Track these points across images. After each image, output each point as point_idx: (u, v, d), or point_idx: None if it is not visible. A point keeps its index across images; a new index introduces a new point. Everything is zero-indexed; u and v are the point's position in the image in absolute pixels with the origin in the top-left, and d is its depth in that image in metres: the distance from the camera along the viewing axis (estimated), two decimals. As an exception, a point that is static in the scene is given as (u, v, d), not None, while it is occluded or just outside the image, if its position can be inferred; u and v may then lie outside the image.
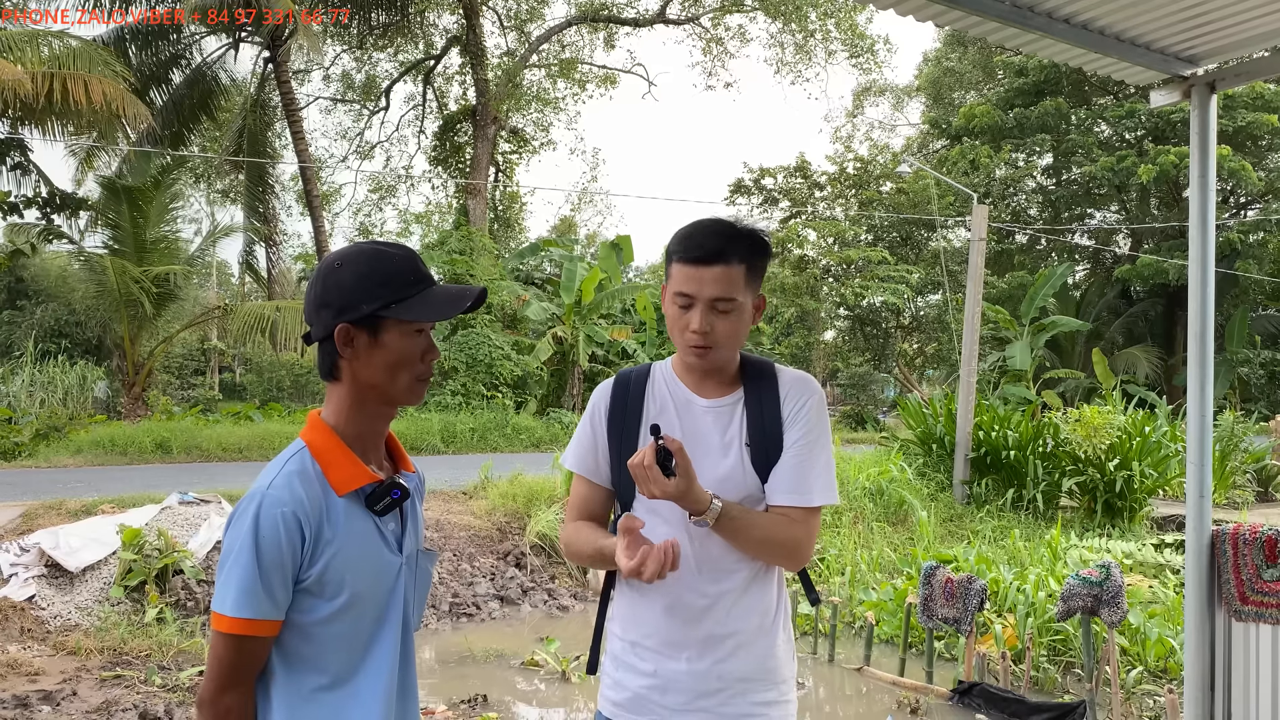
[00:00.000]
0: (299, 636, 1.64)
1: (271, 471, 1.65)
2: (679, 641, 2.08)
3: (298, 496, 1.61)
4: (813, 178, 31.53)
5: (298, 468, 1.64)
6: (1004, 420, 12.84)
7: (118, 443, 15.36)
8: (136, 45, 21.58)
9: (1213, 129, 4.43)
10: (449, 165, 30.63)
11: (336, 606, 1.64)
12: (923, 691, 6.47)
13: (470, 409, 19.97)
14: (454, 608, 8.80)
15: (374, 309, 1.65)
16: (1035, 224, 31.80)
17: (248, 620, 1.56)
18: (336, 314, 1.66)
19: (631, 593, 2.14)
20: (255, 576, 1.56)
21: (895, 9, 3.99)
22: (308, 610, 1.63)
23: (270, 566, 1.57)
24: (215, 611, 1.58)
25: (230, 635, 1.57)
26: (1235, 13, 3.99)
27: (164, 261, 19.07)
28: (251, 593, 1.56)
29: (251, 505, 1.60)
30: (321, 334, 1.68)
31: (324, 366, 1.71)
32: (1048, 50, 4.50)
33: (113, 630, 7.29)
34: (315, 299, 1.69)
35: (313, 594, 1.63)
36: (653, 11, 29.42)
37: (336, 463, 1.67)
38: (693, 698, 2.07)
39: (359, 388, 1.70)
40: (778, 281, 27.18)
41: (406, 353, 1.69)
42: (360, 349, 1.67)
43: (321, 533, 1.62)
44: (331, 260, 1.70)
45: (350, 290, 1.66)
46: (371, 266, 1.67)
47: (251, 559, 1.56)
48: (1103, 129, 30.73)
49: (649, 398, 2.17)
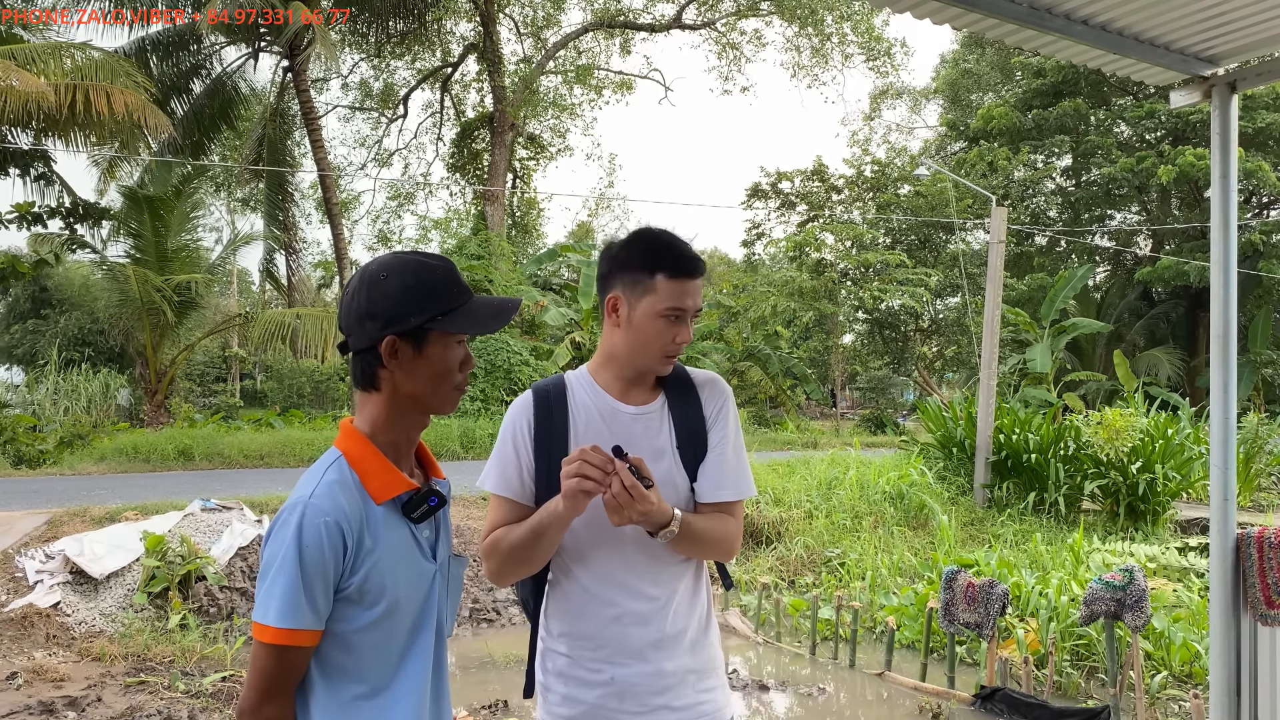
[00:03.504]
0: (338, 646, 1.63)
1: (311, 481, 1.64)
2: (632, 648, 2.09)
3: (339, 506, 1.60)
4: (830, 181, 31.46)
5: (337, 477, 1.64)
6: (1025, 423, 12.76)
7: (140, 450, 15.48)
8: (157, 56, 21.79)
9: (1233, 129, 4.40)
10: (467, 172, 30.76)
11: (375, 615, 1.64)
12: (944, 697, 6.44)
13: (489, 414, 20.02)
14: (474, 613, 8.83)
15: (421, 321, 1.65)
16: (1055, 226, 31.61)
17: (291, 630, 1.56)
18: (384, 325, 1.65)
19: (575, 606, 2.12)
20: (299, 587, 1.55)
21: (912, 12, 3.99)
22: (347, 619, 1.63)
23: (313, 576, 1.56)
24: (258, 622, 1.58)
25: (273, 646, 1.57)
26: (1255, 12, 3.96)
27: (185, 270, 19.22)
28: (295, 603, 1.55)
29: (294, 515, 1.59)
30: (365, 344, 1.67)
31: (362, 376, 1.70)
32: (1066, 52, 4.48)
33: (137, 636, 7.35)
34: (359, 309, 1.67)
35: (353, 603, 1.62)
36: (669, 17, 29.46)
37: (374, 471, 1.67)
38: (649, 697, 2.09)
39: (398, 398, 1.70)
40: (795, 285, 27.14)
41: (448, 364, 1.70)
42: (404, 360, 1.67)
43: (362, 542, 1.62)
44: (376, 271, 1.69)
45: (397, 302, 1.65)
46: (417, 278, 1.67)
47: (295, 569, 1.55)
48: (1122, 130, 30.53)
49: (572, 409, 2.15)
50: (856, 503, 11.44)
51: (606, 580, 2.11)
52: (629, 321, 2.09)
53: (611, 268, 2.12)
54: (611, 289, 2.11)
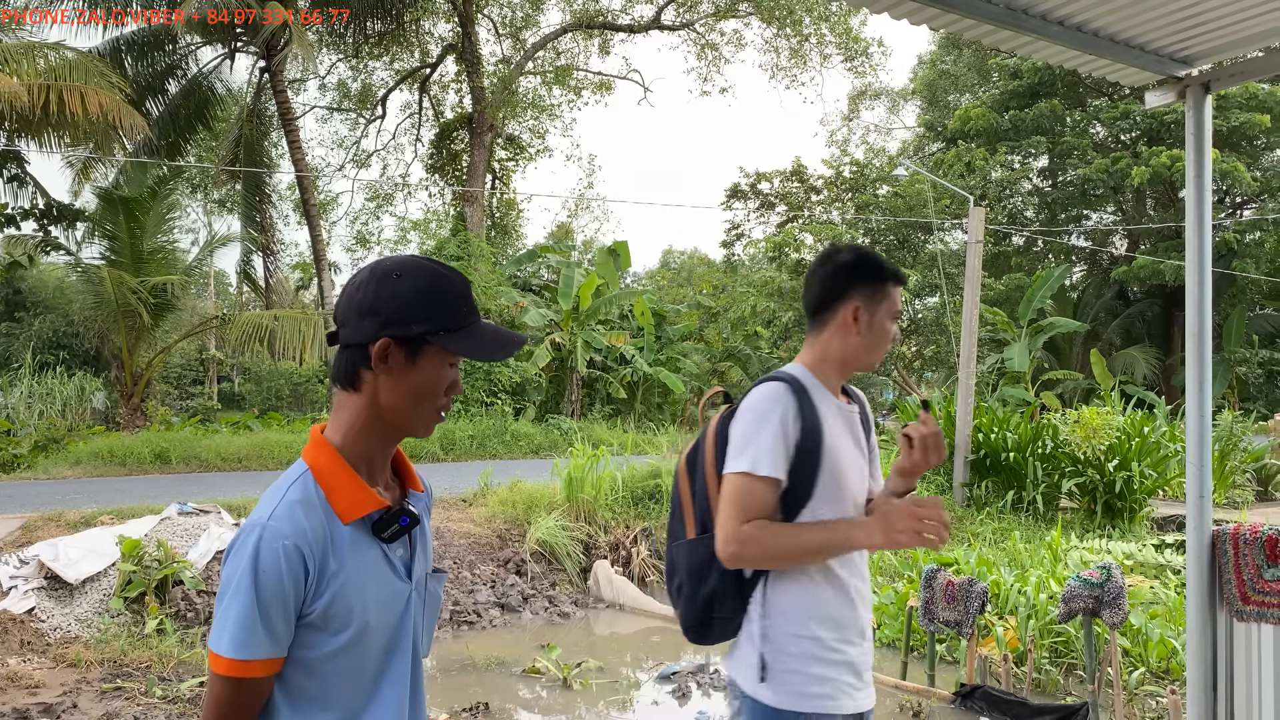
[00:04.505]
0: (303, 672, 1.54)
1: (272, 499, 1.54)
2: (859, 626, 2.28)
3: (300, 527, 1.50)
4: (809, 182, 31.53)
5: (300, 495, 1.54)
6: (1003, 422, 12.84)
7: (116, 454, 15.34)
8: (132, 56, 21.60)
9: (1208, 129, 4.44)
10: (446, 173, 30.65)
11: (343, 641, 1.55)
12: (925, 695, 6.46)
13: (469, 416, 19.96)
14: (454, 615, 8.79)
15: (423, 330, 1.56)
16: (1032, 226, 31.82)
17: (244, 661, 1.47)
18: (383, 325, 1.55)
19: (821, 590, 2.22)
20: (254, 614, 1.46)
21: (890, 12, 4.00)
22: (313, 645, 1.53)
23: (270, 603, 1.46)
24: (212, 650, 1.48)
25: (226, 677, 1.47)
26: (1229, 13, 4.00)
27: (161, 272, 19.06)
28: (250, 631, 1.46)
29: (251, 537, 1.49)
30: (357, 340, 1.57)
31: (344, 372, 1.60)
32: (1042, 53, 4.51)
33: (113, 642, 7.28)
34: (363, 302, 1.57)
35: (318, 629, 1.53)
36: (647, 18, 29.47)
37: (342, 488, 1.57)
38: (866, 672, 2.30)
39: (376, 407, 1.59)
40: (775, 286, 27.19)
41: (437, 383, 1.60)
42: (394, 366, 1.57)
43: (326, 565, 1.51)
44: (390, 268, 1.60)
45: (405, 304, 1.56)
46: (430, 285, 1.58)
47: (250, 595, 1.46)
48: (1098, 131, 30.78)
49: (817, 403, 2.29)
50: (836, 502, 11.47)
51: (847, 563, 2.26)
52: (869, 327, 2.32)
53: (851, 279, 2.32)
54: (850, 299, 2.31)
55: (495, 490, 11.27)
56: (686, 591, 2.28)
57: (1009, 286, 27.89)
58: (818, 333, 2.37)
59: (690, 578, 2.27)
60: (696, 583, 2.26)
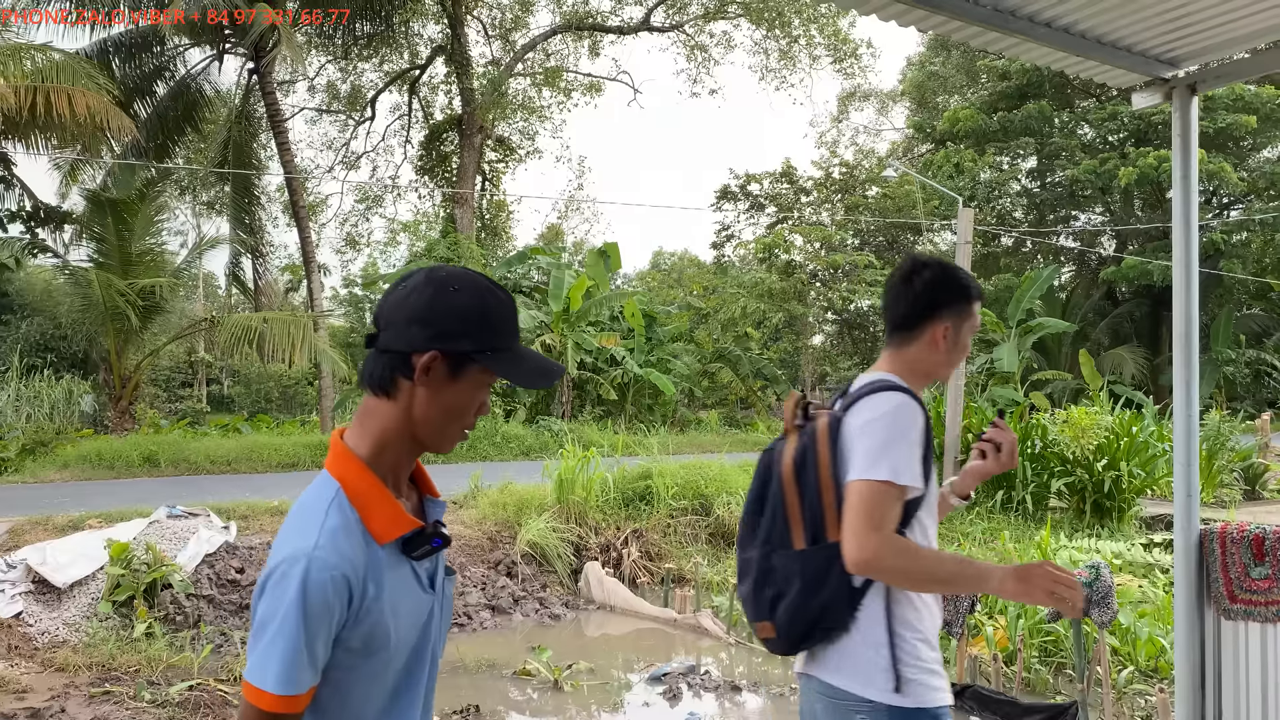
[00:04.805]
0: (330, 689, 1.52)
1: (312, 527, 1.48)
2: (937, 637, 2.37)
3: (345, 556, 1.46)
4: (799, 183, 31.62)
5: (340, 521, 1.49)
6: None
7: (105, 457, 15.28)
8: (120, 58, 21.50)
9: (1194, 130, 4.46)
10: (435, 174, 30.62)
11: (374, 659, 1.53)
12: (915, 695, 6.47)
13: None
14: (445, 618, 8.77)
15: (471, 349, 1.53)
16: (1020, 227, 31.94)
17: (291, 697, 1.43)
18: (433, 337, 1.52)
19: (929, 602, 2.30)
20: (301, 649, 1.42)
21: (878, 14, 4.01)
22: (345, 667, 1.51)
23: (316, 635, 1.43)
24: (253, 685, 1.43)
25: (271, 713, 1.43)
26: (1215, 15, 4.02)
27: (150, 274, 18.98)
28: (296, 666, 1.42)
29: (296, 569, 1.43)
30: (401, 347, 1.53)
31: (381, 378, 1.55)
32: (1029, 54, 4.52)
33: (101, 646, 7.25)
34: (414, 310, 1.53)
35: (353, 652, 1.50)
36: (637, 19, 29.48)
37: (376, 508, 1.53)
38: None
39: (408, 418, 1.55)
40: (765, 287, 27.24)
41: (471, 401, 1.58)
42: (434, 380, 1.53)
43: (367, 591, 1.48)
44: (446, 279, 1.56)
45: (458, 319, 1.53)
46: (484, 303, 1.55)
47: (299, 630, 1.41)
48: (1086, 132, 30.92)
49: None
50: (827, 503, 11.48)
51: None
52: (954, 344, 2.40)
53: (942, 299, 2.38)
54: (942, 318, 2.38)
55: (486, 492, 11.26)
56: (795, 601, 2.24)
57: (998, 287, 28.00)
58: (904, 346, 2.41)
59: (805, 587, 2.24)
60: (810, 593, 2.23)
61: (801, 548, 2.24)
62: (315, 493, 1.55)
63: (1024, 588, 2.14)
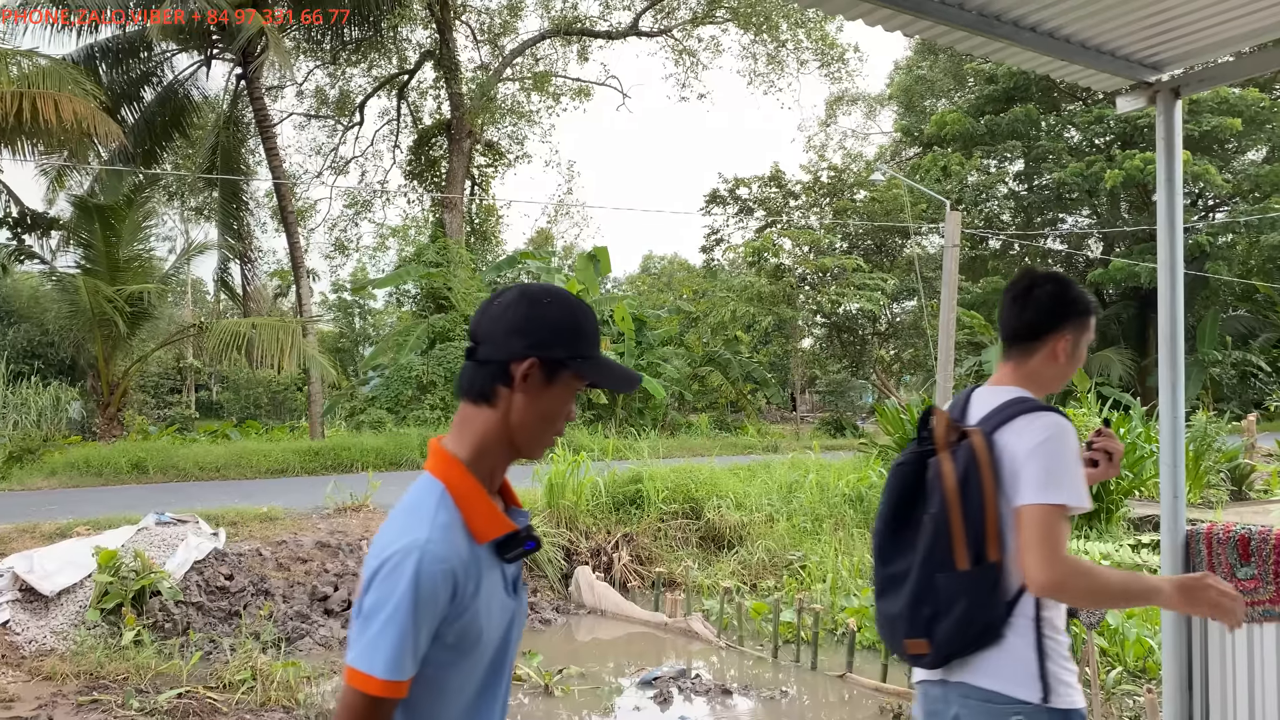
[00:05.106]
0: (422, 685, 1.57)
1: (423, 521, 1.56)
2: None
3: (456, 551, 1.55)
4: (787, 187, 31.67)
5: (448, 519, 1.58)
6: (981, 425, 12.90)
7: (93, 464, 15.20)
8: (107, 63, 21.42)
9: (1178, 133, 4.48)
10: (424, 179, 30.58)
11: (467, 659, 1.60)
12: (905, 697, 6.49)
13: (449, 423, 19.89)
14: (435, 623, 8.75)
15: (565, 356, 1.64)
16: (1008, 229, 32.06)
17: (397, 683, 1.50)
18: (531, 346, 1.62)
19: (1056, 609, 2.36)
20: (409, 637, 1.49)
21: (864, 19, 4.04)
22: (438, 664, 1.57)
23: (422, 625, 1.51)
24: (360, 670, 1.49)
25: (377, 698, 1.50)
26: (1199, 19, 4.05)
27: (138, 280, 18.92)
28: (404, 654, 1.49)
29: (409, 561, 1.50)
30: (501, 356, 1.63)
31: (481, 388, 1.65)
32: (1015, 58, 4.55)
33: (89, 654, 7.21)
34: (513, 322, 1.64)
35: (448, 648, 1.57)
36: (625, 24, 29.52)
37: (479, 510, 1.62)
38: None
39: (506, 424, 1.65)
40: (754, 290, 27.27)
41: (563, 406, 1.68)
42: (531, 387, 1.63)
43: (467, 587, 1.56)
44: (539, 293, 1.68)
45: (553, 329, 1.64)
46: (574, 314, 1.67)
47: (409, 618, 1.49)
48: (1072, 135, 31.06)
49: None
50: (817, 506, 11.52)
51: None
52: (1071, 357, 2.47)
53: (1064, 314, 2.46)
54: (1064, 332, 2.45)
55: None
56: (959, 620, 2.28)
57: (986, 290, 28.10)
58: (1025, 358, 2.47)
59: (971, 607, 2.28)
60: (976, 612, 2.28)
61: (965, 568, 2.28)
62: (421, 492, 1.62)
63: (1189, 600, 2.24)
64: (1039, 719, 2.27)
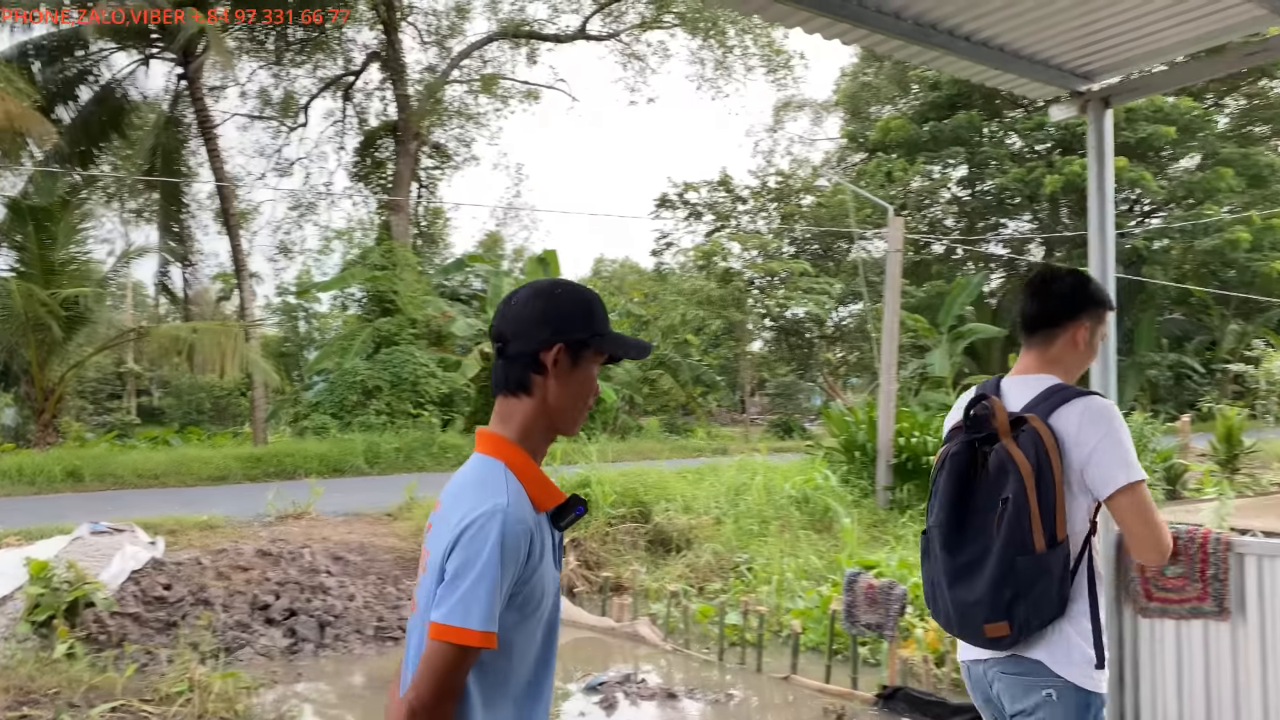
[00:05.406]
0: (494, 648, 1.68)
1: (497, 490, 1.70)
2: None
3: (528, 513, 1.70)
4: (735, 191, 31.86)
5: (517, 488, 1.72)
6: (924, 426, 13.08)
7: (25, 472, 14.81)
8: (41, 62, 20.91)
9: (1108, 142, 4.58)
10: (370, 181, 30.26)
11: (531, 620, 1.73)
12: (848, 698, 6.55)
13: (395, 428, 19.70)
14: (379, 632, 8.66)
15: (585, 336, 1.80)
16: (951, 234, 32.56)
17: (490, 634, 1.62)
18: (555, 332, 1.78)
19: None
20: (498, 591, 1.62)
21: (803, 27, 4.07)
22: (508, 625, 1.68)
23: (506, 580, 1.64)
24: (455, 625, 1.61)
25: (469, 649, 1.62)
26: (1128, 30, 4.13)
27: (74, 283, 18.47)
28: (495, 605, 1.62)
29: (494, 522, 1.64)
30: (531, 348, 1.78)
31: (516, 380, 1.79)
32: (951, 67, 4.61)
33: (19, 668, 7.01)
34: (534, 315, 1.79)
35: (517, 608, 1.69)
36: (574, 28, 29.49)
37: (534, 481, 1.76)
38: None
39: (545, 408, 1.80)
40: (704, 294, 27.39)
41: (592, 383, 1.84)
42: (561, 370, 1.79)
43: (534, 550, 1.69)
44: (549, 287, 1.85)
45: (569, 315, 1.80)
46: (585, 299, 1.84)
47: (497, 573, 1.62)
48: (1014, 141, 31.63)
49: None
50: (764, 508, 11.57)
51: None
52: (1089, 346, 2.64)
53: (1084, 303, 2.62)
54: (1083, 320, 2.61)
55: (421, 504, 11.14)
56: (1039, 599, 2.37)
57: (930, 294, 28.49)
58: (1046, 347, 2.62)
59: (1051, 585, 2.38)
60: (1057, 589, 2.38)
61: (1042, 549, 2.36)
62: (484, 469, 1.77)
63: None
64: (1068, 697, 2.39)
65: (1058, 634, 2.40)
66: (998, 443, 2.43)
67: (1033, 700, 2.42)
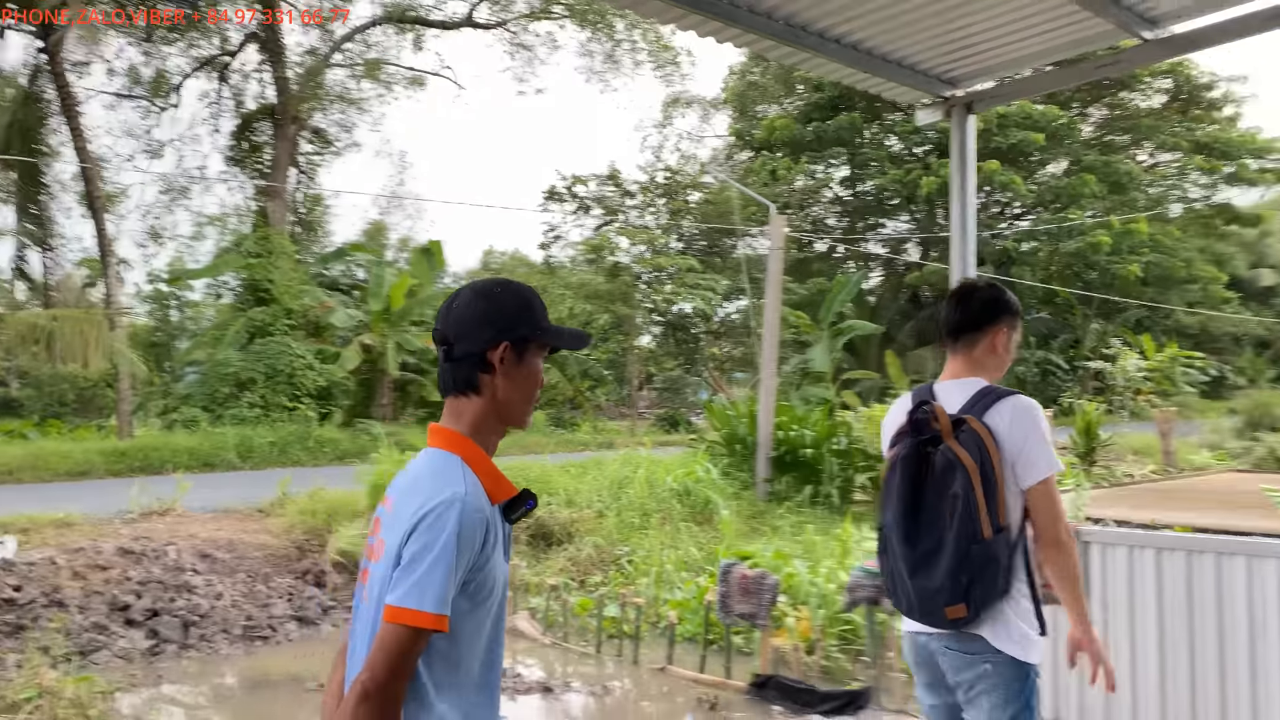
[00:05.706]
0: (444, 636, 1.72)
1: (455, 480, 1.75)
2: None
3: (484, 503, 1.75)
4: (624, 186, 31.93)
5: (474, 478, 1.77)
6: (802, 420, 13.37)
7: None
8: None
9: (971, 146, 4.74)
10: (246, 166, 29.20)
11: (482, 607, 1.77)
12: (722, 687, 6.65)
13: (270, 421, 19.13)
14: (247, 631, 8.40)
15: (527, 333, 1.87)
16: (833, 233, 33.33)
17: (443, 616, 1.66)
18: (500, 332, 1.84)
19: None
20: (453, 575, 1.67)
21: (677, 24, 4.10)
22: (459, 612, 1.72)
23: (460, 566, 1.69)
24: (409, 608, 1.65)
25: (422, 630, 1.66)
26: (990, 39, 4.29)
27: (-82, 267, 17.35)
28: (449, 590, 1.67)
29: (452, 509, 1.69)
30: (477, 349, 1.83)
31: (465, 380, 1.85)
32: (821, 69, 4.71)
33: None
34: (476, 317, 1.85)
35: (469, 595, 1.73)
36: (461, 15, 29.05)
37: (490, 474, 1.82)
38: None
39: (495, 405, 1.86)
40: (592, 288, 27.40)
41: (539, 376, 1.91)
42: (508, 367, 1.85)
43: (489, 539, 1.75)
44: (489, 286, 1.91)
45: (510, 313, 1.86)
46: (523, 296, 1.90)
47: (452, 559, 1.67)
48: (893, 143, 32.54)
49: None
50: (646, 500, 11.64)
51: None
52: (1007, 349, 2.91)
53: (1002, 310, 2.89)
54: (1000, 326, 2.88)
55: (294, 499, 10.84)
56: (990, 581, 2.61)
57: (812, 291, 29.10)
58: (969, 351, 2.89)
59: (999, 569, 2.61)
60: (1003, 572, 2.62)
61: (989, 536, 2.61)
62: (439, 461, 1.82)
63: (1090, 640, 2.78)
64: (1005, 669, 2.64)
65: (998, 613, 2.64)
66: (942, 444, 2.68)
67: (974, 672, 2.67)
